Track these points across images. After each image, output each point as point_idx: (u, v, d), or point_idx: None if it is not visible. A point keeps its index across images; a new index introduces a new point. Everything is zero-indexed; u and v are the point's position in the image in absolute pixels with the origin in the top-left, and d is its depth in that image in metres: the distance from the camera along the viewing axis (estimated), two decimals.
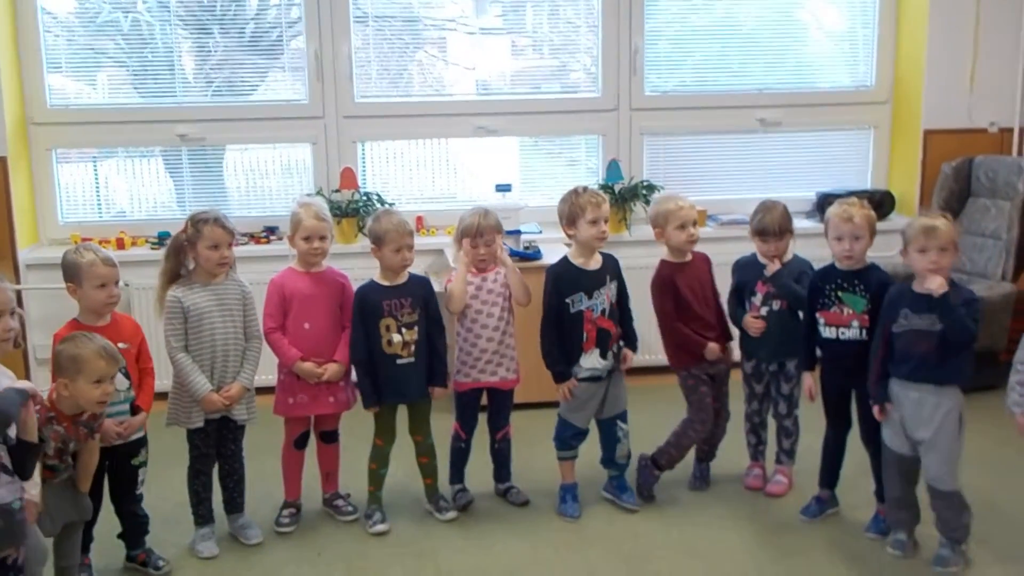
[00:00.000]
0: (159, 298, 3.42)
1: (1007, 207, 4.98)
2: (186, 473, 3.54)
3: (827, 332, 3.53)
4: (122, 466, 3.27)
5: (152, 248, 5.02)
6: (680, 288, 3.81)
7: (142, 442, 3.30)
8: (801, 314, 3.68)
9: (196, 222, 3.39)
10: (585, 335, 3.63)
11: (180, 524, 3.61)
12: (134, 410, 3.23)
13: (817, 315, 3.54)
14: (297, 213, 3.59)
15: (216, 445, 3.52)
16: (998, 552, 3.39)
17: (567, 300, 3.63)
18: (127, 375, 3.19)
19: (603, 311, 3.62)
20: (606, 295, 3.63)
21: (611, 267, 3.71)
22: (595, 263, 3.67)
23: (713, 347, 3.80)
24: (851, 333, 3.48)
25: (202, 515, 3.55)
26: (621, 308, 3.73)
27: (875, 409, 3.36)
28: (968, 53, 5.36)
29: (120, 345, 3.14)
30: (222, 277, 3.46)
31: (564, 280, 3.66)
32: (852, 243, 3.45)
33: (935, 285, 3.13)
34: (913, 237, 3.20)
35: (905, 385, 3.26)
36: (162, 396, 3.51)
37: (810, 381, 3.66)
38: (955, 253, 3.21)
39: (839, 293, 3.50)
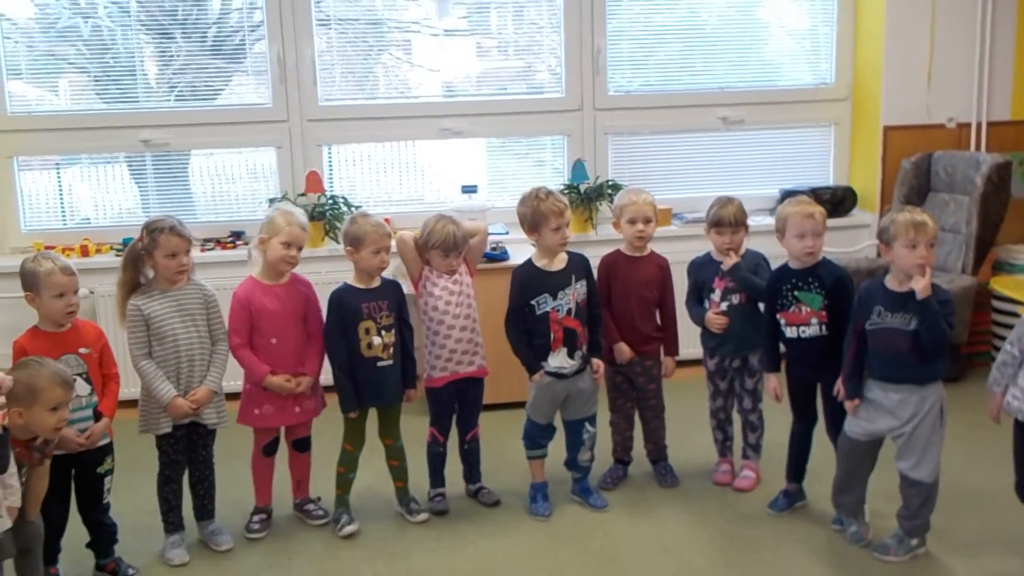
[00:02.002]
0: (120, 309, 3.39)
1: (966, 201, 5.06)
2: (156, 480, 3.52)
3: (789, 332, 3.57)
4: (88, 475, 3.25)
5: (117, 255, 4.96)
6: (612, 278, 3.86)
7: (107, 450, 3.28)
8: (761, 306, 3.73)
9: (151, 231, 3.35)
10: (552, 335, 3.65)
11: (150, 532, 3.59)
12: (97, 416, 3.20)
13: (778, 316, 3.59)
14: (276, 218, 3.54)
15: (186, 451, 3.50)
16: (958, 542, 3.45)
17: (532, 302, 3.65)
18: (89, 380, 3.17)
19: (569, 311, 3.64)
20: (572, 295, 3.65)
21: (578, 267, 3.72)
22: (559, 263, 3.69)
23: (623, 348, 3.85)
24: (811, 331, 3.53)
25: (172, 522, 3.53)
26: (590, 310, 3.75)
27: (848, 405, 3.40)
28: (925, 50, 5.43)
29: (82, 350, 3.14)
30: (182, 283, 3.43)
31: (528, 283, 3.68)
32: (814, 239, 3.49)
33: (920, 287, 3.13)
34: (900, 232, 3.17)
35: (885, 387, 3.29)
36: (130, 404, 3.49)
37: (775, 382, 3.69)
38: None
39: (795, 293, 3.54)
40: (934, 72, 5.46)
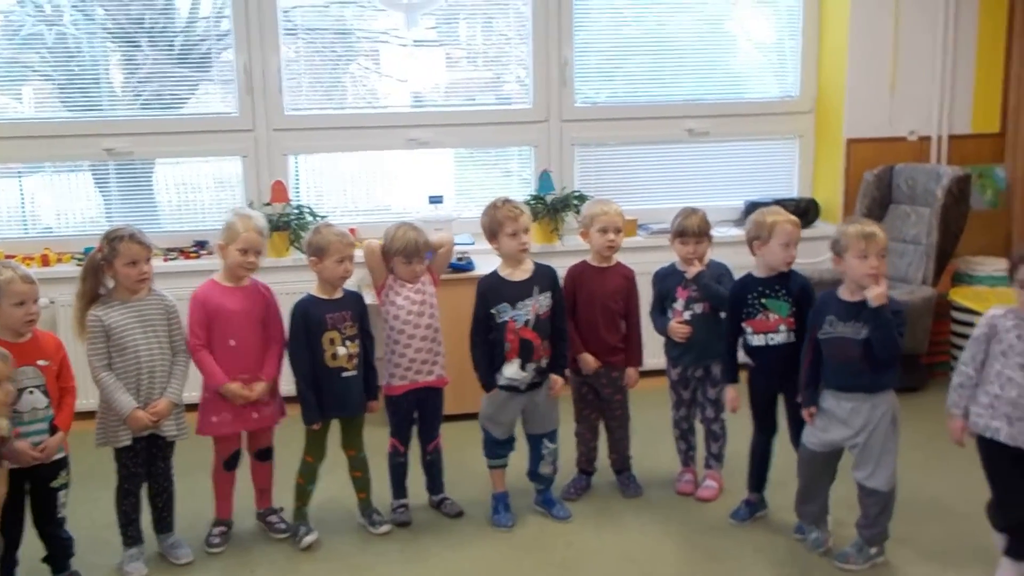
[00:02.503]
0: (78, 320, 3.35)
1: (927, 213, 5.12)
2: (114, 493, 3.47)
3: (756, 340, 3.60)
4: (42, 489, 3.21)
5: (78, 264, 4.90)
6: (578, 289, 3.89)
7: (62, 464, 3.23)
8: (723, 315, 3.75)
9: (111, 240, 3.33)
10: (508, 345, 3.66)
11: (108, 545, 3.55)
12: (52, 430, 3.16)
13: (744, 325, 3.61)
14: (234, 223, 3.52)
15: (145, 464, 3.46)
16: (919, 551, 3.48)
17: (492, 311, 3.66)
18: (46, 393, 3.13)
19: (527, 322, 3.65)
20: (532, 307, 3.65)
21: (543, 279, 3.72)
22: (522, 274, 3.70)
23: (588, 357, 3.87)
24: (780, 338, 3.56)
25: (131, 536, 3.50)
26: (553, 323, 3.74)
27: (804, 413, 3.43)
28: (888, 64, 5.51)
29: (40, 362, 3.11)
30: (143, 293, 3.40)
31: (489, 291, 3.69)
32: (795, 249, 3.55)
33: (874, 295, 3.18)
34: (851, 243, 3.22)
35: (838, 395, 3.33)
36: (88, 415, 3.46)
37: (733, 393, 3.71)
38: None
39: (763, 300, 3.57)
40: (896, 86, 5.53)
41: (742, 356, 3.70)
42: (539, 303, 3.66)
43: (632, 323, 3.96)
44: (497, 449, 3.81)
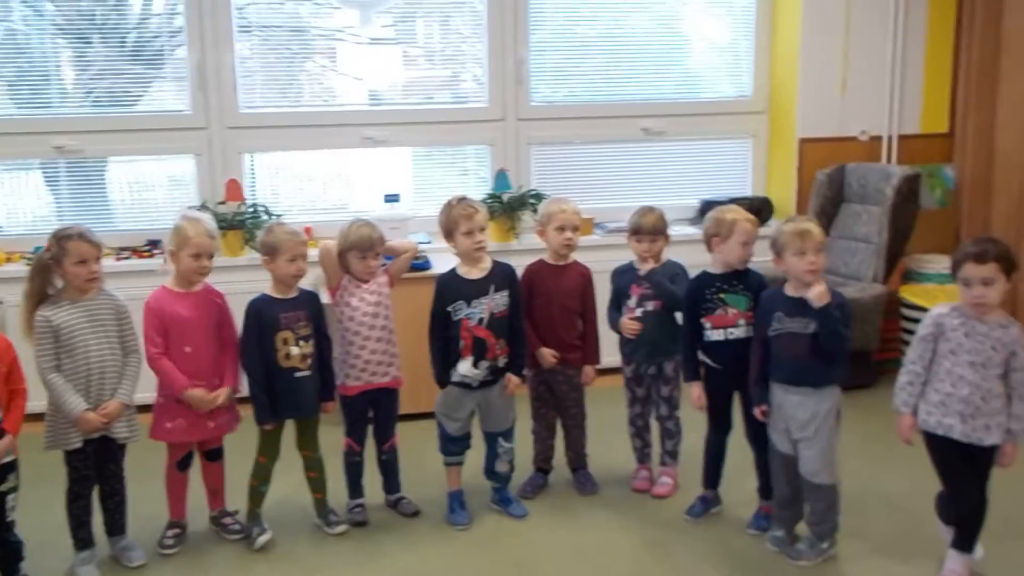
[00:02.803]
0: (26, 321, 3.30)
1: (877, 212, 5.20)
2: (64, 496, 3.42)
3: (715, 335, 3.63)
4: None
5: (28, 264, 4.84)
6: (536, 287, 3.90)
7: (11, 467, 3.17)
8: (679, 316, 3.78)
9: (60, 239, 3.28)
10: (461, 342, 3.66)
11: (59, 548, 3.50)
12: (1, 433, 3.10)
13: (703, 321, 3.64)
14: (183, 228, 3.48)
15: (96, 466, 3.42)
16: (869, 544, 3.53)
17: (448, 308, 3.67)
18: None
19: (480, 320, 3.66)
20: (487, 305, 3.66)
21: (500, 277, 3.73)
22: (479, 272, 3.71)
23: (545, 351, 3.89)
24: (739, 332, 3.59)
25: (82, 539, 3.45)
26: (510, 322, 3.75)
27: (755, 411, 3.49)
28: (839, 65, 5.58)
29: None
30: (93, 292, 3.36)
31: (446, 288, 3.70)
32: (752, 248, 3.60)
33: (815, 295, 3.24)
34: (788, 242, 3.30)
35: (787, 389, 3.38)
36: (38, 418, 3.41)
37: (698, 391, 3.73)
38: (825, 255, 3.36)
39: (721, 295, 3.61)
40: (847, 87, 5.62)
41: (700, 355, 3.73)
42: (495, 302, 3.67)
43: (589, 320, 3.98)
44: (451, 446, 3.81)
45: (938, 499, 3.34)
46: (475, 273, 3.70)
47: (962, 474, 3.19)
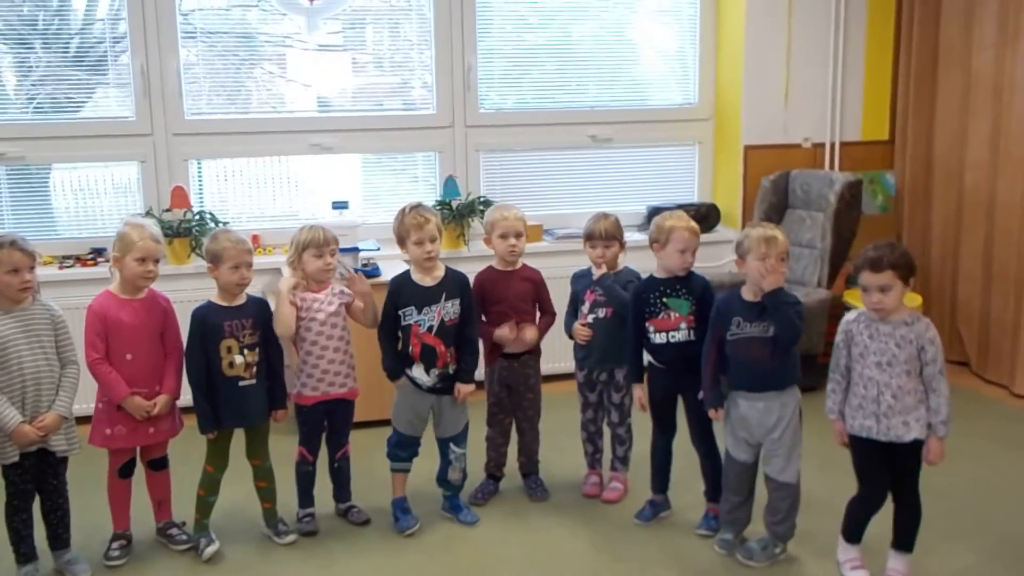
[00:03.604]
0: None
1: (820, 218, 5.30)
2: (3, 510, 3.36)
3: (658, 338, 3.67)
4: None
5: None
6: (488, 294, 3.92)
7: None
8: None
9: None
10: (411, 348, 3.67)
11: (2, 563, 3.43)
12: None
13: (647, 324, 3.68)
14: (127, 233, 3.44)
15: (36, 480, 3.35)
16: (821, 545, 3.56)
17: (399, 312, 3.67)
18: None
19: (430, 327, 3.66)
20: (437, 312, 3.67)
21: (452, 285, 3.73)
22: (432, 280, 3.71)
23: (502, 330, 3.88)
24: (680, 335, 3.64)
25: (23, 553, 3.38)
26: (461, 329, 3.75)
27: (711, 412, 3.53)
28: (782, 73, 5.69)
29: None
30: (27, 302, 3.30)
31: (399, 293, 3.71)
32: (692, 256, 3.63)
33: (767, 284, 3.31)
34: (753, 246, 3.34)
35: (749, 396, 3.42)
36: None
37: (639, 392, 3.80)
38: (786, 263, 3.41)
39: (664, 300, 3.65)
40: (790, 94, 5.72)
41: (646, 357, 3.77)
42: (445, 310, 3.68)
43: (547, 312, 4.00)
44: (399, 452, 3.81)
45: (848, 507, 3.39)
46: (428, 280, 3.71)
47: (877, 476, 3.27)
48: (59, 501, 3.44)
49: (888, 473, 3.26)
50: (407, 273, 3.75)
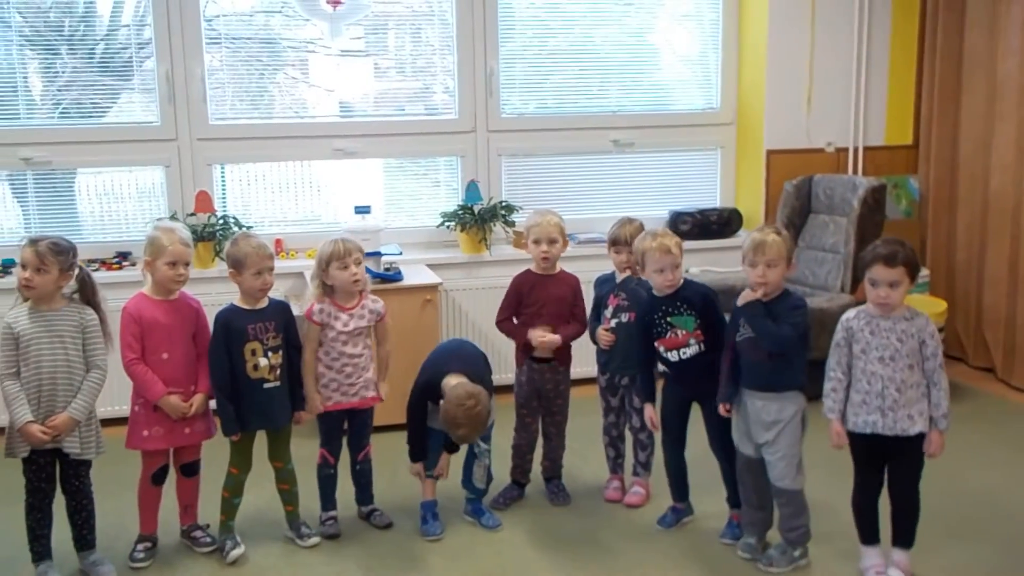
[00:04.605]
0: None
1: (844, 223, 5.27)
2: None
3: (671, 356, 3.65)
4: None
5: None
6: (524, 296, 3.94)
7: None
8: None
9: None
10: None
11: (25, 563, 3.44)
12: None
13: (656, 344, 3.67)
14: (159, 238, 3.47)
15: (53, 480, 3.37)
16: (837, 550, 3.56)
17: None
18: None
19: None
20: None
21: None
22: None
23: (535, 332, 3.89)
24: (691, 351, 3.62)
25: (37, 552, 3.40)
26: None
27: (721, 408, 3.52)
28: (805, 78, 5.67)
29: None
30: (60, 304, 3.33)
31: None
32: (673, 272, 3.57)
33: (740, 300, 3.36)
34: (745, 252, 3.38)
35: (750, 394, 3.44)
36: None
37: (651, 411, 3.79)
38: (787, 267, 3.37)
39: (668, 319, 3.63)
40: (813, 99, 5.70)
41: (661, 367, 3.76)
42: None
43: (578, 320, 4.00)
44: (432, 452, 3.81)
45: (852, 504, 3.41)
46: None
47: (871, 468, 3.32)
48: (83, 502, 3.46)
49: (884, 465, 3.30)
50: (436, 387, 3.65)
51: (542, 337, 3.89)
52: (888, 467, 3.31)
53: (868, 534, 3.40)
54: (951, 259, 5.80)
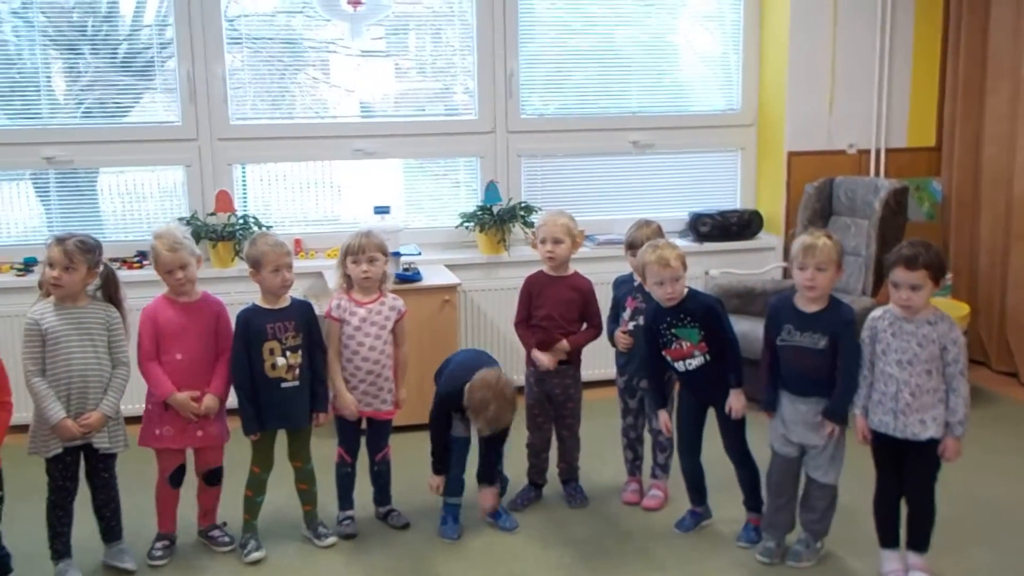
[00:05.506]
0: None
1: (865, 225, 5.23)
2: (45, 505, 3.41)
3: (678, 366, 3.64)
4: None
5: (17, 275, 4.85)
6: (534, 298, 3.93)
7: None
8: None
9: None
10: None
11: (46, 559, 3.46)
12: None
13: (664, 354, 3.65)
14: (154, 247, 3.50)
15: (76, 477, 3.41)
16: (856, 548, 3.56)
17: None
18: None
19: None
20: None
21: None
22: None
23: (539, 354, 3.89)
24: (696, 362, 3.60)
25: (58, 549, 3.42)
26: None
27: (767, 415, 3.52)
28: (826, 79, 5.63)
29: None
30: (84, 301, 3.36)
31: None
32: (672, 285, 3.53)
33: (801, 300, 3.34)
34: (794, 254, 3.35)
35: (792, 398, 3.42)
36: (22, 429, 3.40)
37: (665, 417, 3.77)
38: (837, 273, 3.34)
39: (673, 331, 3.60)
40: (835, 101, 5.66)
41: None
42: None
43: (592, 325, 3.98)
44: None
45: (874, 506, 3.40)
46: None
47: (889, 471, 3.31)
48: (111, 494, 3.49)
49: (901, 467, 3.29)
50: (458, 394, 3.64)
51: (538, 356, 3.89)
52: (903, 469, 3.30)
53: (887, 537, 3.39)
54: (974, 262, 5.75)
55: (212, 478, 3.66)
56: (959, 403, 3.17)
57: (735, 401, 3.56)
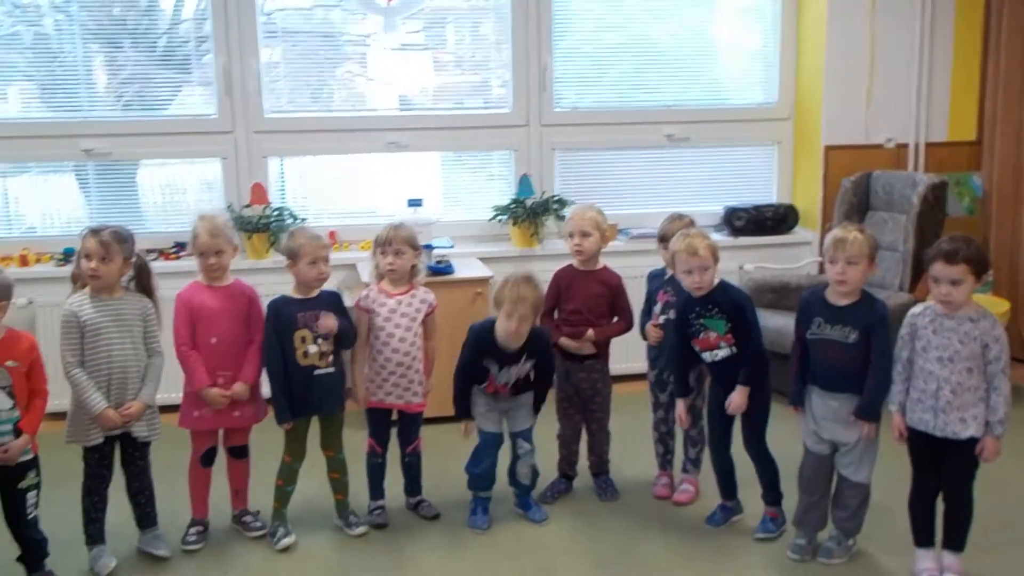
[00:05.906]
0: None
1: (903, 220, 5.16)
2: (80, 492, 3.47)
3: (705, 356, 3.63)
4: (10, 490, 3.20)
5: (58, 265, 4.93)
6: (562, 291, 3.93)
7: (30, 465, 3.22)
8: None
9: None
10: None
11: (81, 545, 3.52)
12: (17, 432, 3.15)
13: (693, 344, 3.64)
14: (195, 227, 3.56)
15: (112, 465, 3.47)
16: (888, 546, 3.54)
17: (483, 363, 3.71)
18: (12, 395, 3.12)
19: (506, 383, 3.74)
20: (514, 372, 3.72)
21: (533, 346, 3.72)
22: (516, 341, 3.67)
23: (567, 340, 3.89)
24: (722, 353, 3.58)
25: (91, 535, 3.48)
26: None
27: (793, 409, 3.50)
28: (864, 72, 5.56)
29: (9, 363, 3.10)
30: (119, 292, 3.41)
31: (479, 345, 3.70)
32: (701, 275, 3.51)
33: (833, 293, 3.30)
34: (825, 248, 3.34)
35: (824, 395, 3.39)
36: (58, 416, 3.46)
37: (680, 408, 3.76)
38: (869, 267, 3.31)
39: (701, 320, 3.59)
40: (873, 94, 5.59)
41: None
42: (521, 370, 3.72)
43: (622, 319, 3.97)
44: (482, 456, 3.81)
45: (909, 505, 3.37)
46: (512, 342, 3.67)
47: (927, 469, 3.27)
48: (145, 481, 3.55)
49: (940, 466, 3.24)
50: (491, 329, 3.68)
51: (566, 341, 3.89)
52: (941, 468, 3.25)
53: (922, 536, 3.35)
54: (1015, 258, 5.65)
55: (238, 452, 3.73)
56: (1000, 402, 3.12)
57: (737, 396, 3.55)
